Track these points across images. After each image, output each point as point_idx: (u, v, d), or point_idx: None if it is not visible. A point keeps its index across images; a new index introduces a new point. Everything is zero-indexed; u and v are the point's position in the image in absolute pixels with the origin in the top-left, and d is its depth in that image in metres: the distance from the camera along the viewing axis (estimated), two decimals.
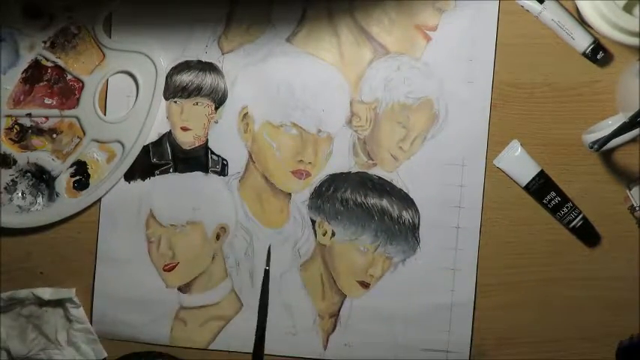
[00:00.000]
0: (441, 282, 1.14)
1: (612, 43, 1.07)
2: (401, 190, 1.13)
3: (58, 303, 1.15)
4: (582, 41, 1.07)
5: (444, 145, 1.12)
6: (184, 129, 1.14)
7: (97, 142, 1.15)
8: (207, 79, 1.13)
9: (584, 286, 1.13)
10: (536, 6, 1.07)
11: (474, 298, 1.13)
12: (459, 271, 1.13)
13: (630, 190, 1.10)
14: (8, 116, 1.14)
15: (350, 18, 1.11)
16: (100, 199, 1.15)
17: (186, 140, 1.14)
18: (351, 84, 1.12)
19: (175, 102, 1.14)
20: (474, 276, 1.13)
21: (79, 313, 1.15)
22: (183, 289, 1.16)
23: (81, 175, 1.15)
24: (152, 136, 1.14)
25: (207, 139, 1.14)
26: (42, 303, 1.15)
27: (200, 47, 1.13)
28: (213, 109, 1.13)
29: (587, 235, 1.12)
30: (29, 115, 1.14)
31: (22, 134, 1.14)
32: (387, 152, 1.13)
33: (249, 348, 1.16)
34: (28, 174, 1.15)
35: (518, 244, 1.13)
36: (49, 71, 1.14)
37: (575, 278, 1.13)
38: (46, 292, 1.15)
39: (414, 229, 1.13)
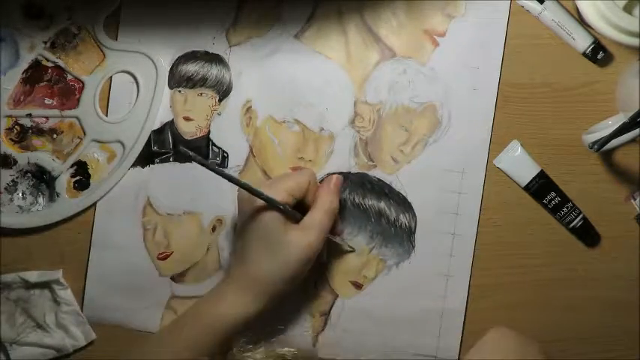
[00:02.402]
0: (433, 287, 1.12)
1: (612, 43, 1.08)
2: (399, 193, 1.12)
3: (45, 285, 1.14)
4: (582, 41, 1.08)
5: (445, 151, 1.12)
6: (187, 119, 1.14)
7: (98, 142, 1.15)
8: (213, 71, 1.14)
9: (584, 286, 1.12)
10: (537, 6, 1.08)
11: (465, 305, 1.12)
12: (452, 277, 1.12)
13: (635, 199, 1.09)
14: (8, 116, 1.15)
15: (359, 18, 1.13)
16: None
17: (188, 130, 1.14)
18: (356, 84, 1.13)
19: (179, 91, 1.15)
20: (467, 283, 1.12)
21: (66, 294, 1.13)
22: (176, 278, 1.15)
23: (81, 176, 1.15)
24: (155, 124, 1.15)
25: (209, 131, 1.14)
26: (29, 286, 1.14)
27: (208, 39, 1.14)
28: (217, 100, 1.14)
29: (587, 235, 1.11)
30: (29, 115, 1.15)
31: (22, 134, 1.15)
32: (388, 155, 1.13)
33: None
34: (29, 174, 1.15)
35: (518, 244, 1.12)
36: (49, 71, 1.15)
37: (575, 278, 1.12)
38: (32, 275, 1.14)
39: (410, 233, 1.12)
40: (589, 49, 1.08)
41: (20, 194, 1.14)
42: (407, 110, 1.13)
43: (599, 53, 1.08)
